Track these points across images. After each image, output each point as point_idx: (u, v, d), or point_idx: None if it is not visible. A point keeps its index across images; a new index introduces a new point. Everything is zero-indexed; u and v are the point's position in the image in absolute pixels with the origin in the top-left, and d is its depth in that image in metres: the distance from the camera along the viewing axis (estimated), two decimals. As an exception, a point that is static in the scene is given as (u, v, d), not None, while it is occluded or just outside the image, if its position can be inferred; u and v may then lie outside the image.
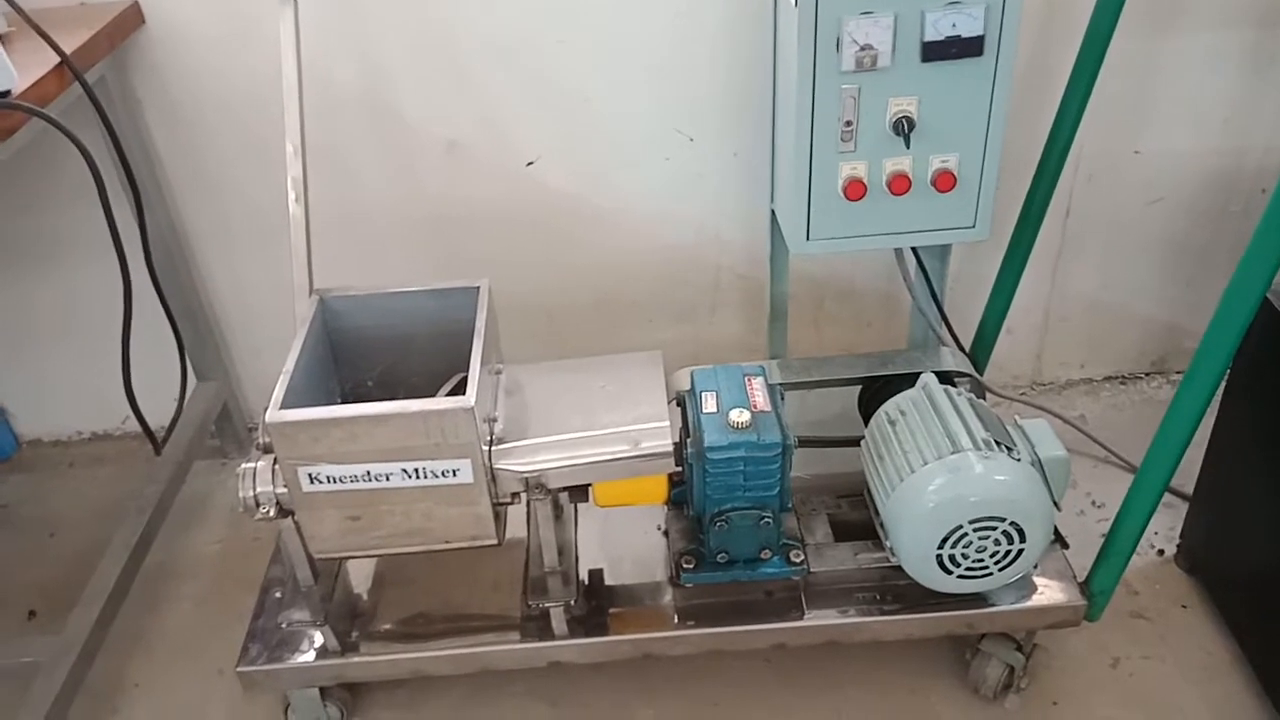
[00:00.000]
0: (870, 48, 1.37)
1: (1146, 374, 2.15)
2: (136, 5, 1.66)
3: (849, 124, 1.42)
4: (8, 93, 1.32)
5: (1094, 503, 1.84)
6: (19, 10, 1.40)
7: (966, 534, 1.33)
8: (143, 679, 1.68)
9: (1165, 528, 1.76)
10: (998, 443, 1.36)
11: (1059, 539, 1.49)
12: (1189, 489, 1.66)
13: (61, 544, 1.93)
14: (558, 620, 1.48)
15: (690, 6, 1.69)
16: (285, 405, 1.30)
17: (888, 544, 1.43)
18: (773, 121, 1.62)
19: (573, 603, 1.49)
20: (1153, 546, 1.75)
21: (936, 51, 1.37)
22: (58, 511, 2.01)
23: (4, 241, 1.91)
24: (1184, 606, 1.66)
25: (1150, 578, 1.71)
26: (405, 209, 1.88)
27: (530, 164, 1.83)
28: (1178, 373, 2.12)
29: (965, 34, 1.36)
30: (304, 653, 1.46)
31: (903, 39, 1.36)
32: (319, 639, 1.48)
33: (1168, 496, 1.75)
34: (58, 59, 1.41)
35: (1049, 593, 1.45)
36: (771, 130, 1.63)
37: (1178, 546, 1.73)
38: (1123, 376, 2.15)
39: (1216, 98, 1.82)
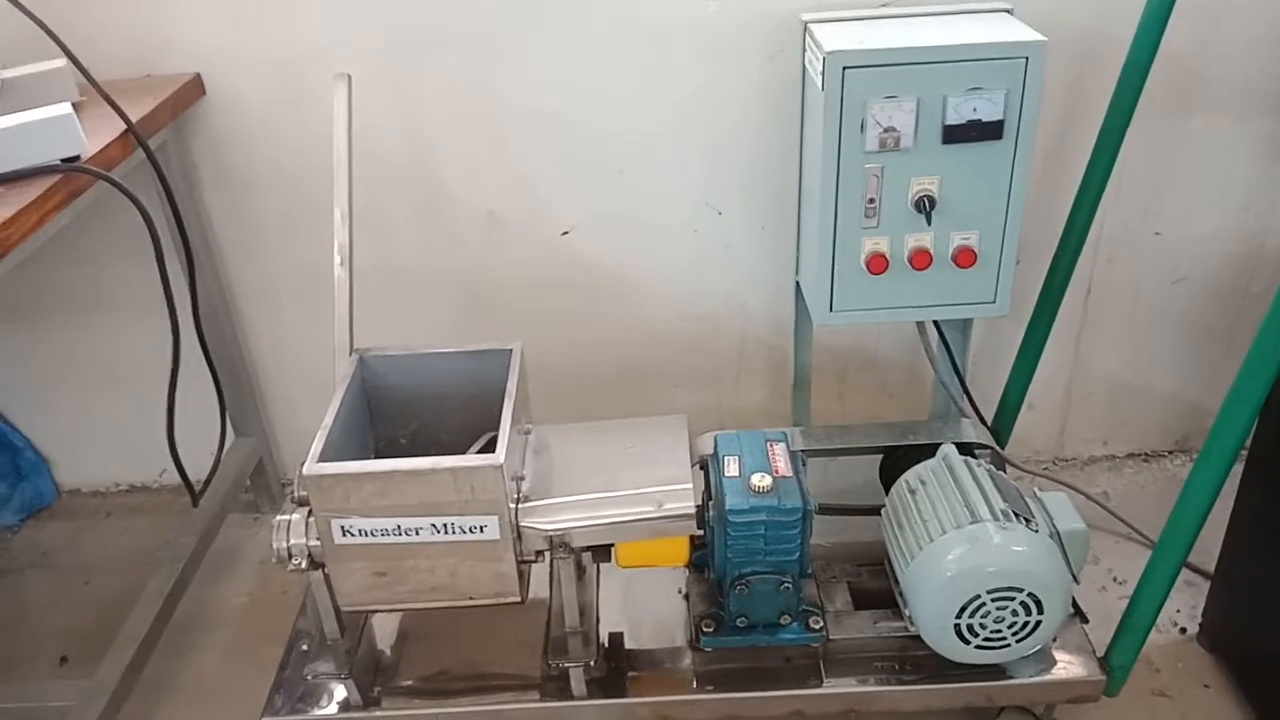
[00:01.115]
0: (893, 129, 1.42)
1: (1170, 452, 2.15)
2: (198, 77, 1.75)
3: (872, 201, 1.48)
4: (77, 157, 1.40)
5: (1115, 579, 1.84)
6: (92, 81, 1.50)
7: (984, 604, 1.35)
8: (169, 727, 1.70)
9: (1188, 606, 1.76)
10: (1016, 514, 1.38)
11: (1078, 613, 1.49)
12: (1211, 567, 1.66)
13: (96, 591, 1.97)
14: (577, 681, 1.49)
15: (721, 90, 1.76)
16: (323, 458, 1.34)
17: (907, 613, 1.44)
18: (799, 197, 1.68)
19: (593, 664, 1.50)
20: (1175, 624, 1.75)
21: (957, 134, 1.43)
22: (94, 559, 2.05)
23: (57, 295, 1.99)
24: (1206, 685, 1.64)
25: (1172, 656, 1.70)
26: (444, 273, 1.94)
27: (565, 234, 1.90)
28: (1201, 451, 2.13)
29: (985, 118, 1.42)
30: (328, 706, 1.48)
31: (925, 122, 1.42)
32: (342, 692, 1.50)
33: (1191, 575, 1.76)
34: (124, 126, 1.50)
35: (1068, 667, 1.45)
36: (798, 205, 1.69)
37: (1200, 625, 1.72)
38: (1146, 454, 2.15)
39: (1237, 181, 1.85)
